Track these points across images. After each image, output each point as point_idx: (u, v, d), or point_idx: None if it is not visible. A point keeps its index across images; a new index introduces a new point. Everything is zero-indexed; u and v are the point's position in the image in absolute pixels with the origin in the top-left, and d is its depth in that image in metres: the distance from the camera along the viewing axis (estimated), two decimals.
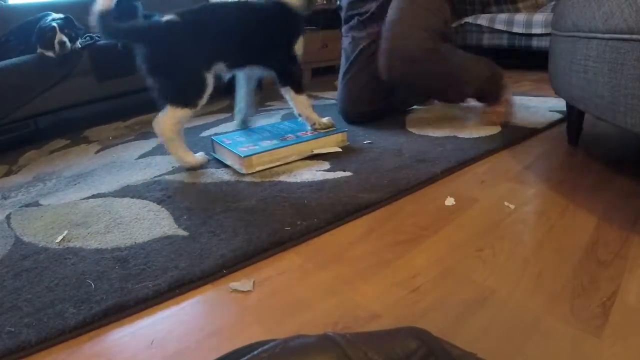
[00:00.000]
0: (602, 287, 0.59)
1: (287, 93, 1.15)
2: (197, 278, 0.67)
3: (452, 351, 0.42)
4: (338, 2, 1.64)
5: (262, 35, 1.10)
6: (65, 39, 1.66)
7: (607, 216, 0.78)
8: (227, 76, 1.15)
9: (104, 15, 0.97)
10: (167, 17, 1.02)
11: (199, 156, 1.16)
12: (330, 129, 1.21)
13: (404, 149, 1.20)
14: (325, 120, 1.22)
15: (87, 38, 1.86)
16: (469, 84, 1.36)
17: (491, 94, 1.40)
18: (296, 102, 1.16)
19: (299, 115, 1.17)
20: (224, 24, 1.07)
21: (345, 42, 1.54)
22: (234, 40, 1.07)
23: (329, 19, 2.69)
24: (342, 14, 1.56)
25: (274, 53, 1.12)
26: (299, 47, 1.15)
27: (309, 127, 1.18)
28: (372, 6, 1.43)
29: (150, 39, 1.01)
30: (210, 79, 1.05)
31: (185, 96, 1.04)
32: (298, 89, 1.14)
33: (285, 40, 1.13)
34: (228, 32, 1.06)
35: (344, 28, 1.56)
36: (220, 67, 1.08)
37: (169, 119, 1.06)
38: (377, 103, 1.49)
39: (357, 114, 1.50)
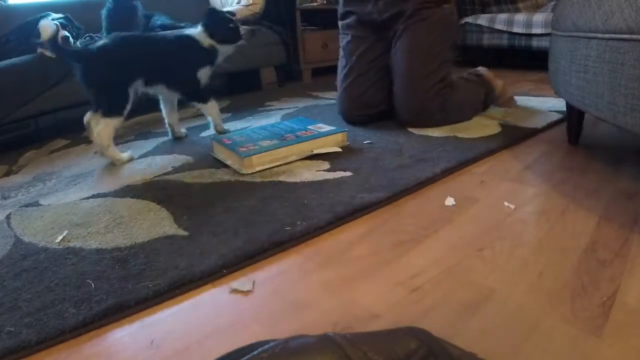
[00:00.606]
0: (602, 287, 0.59)
1: (198, 105, 1.44)
2: (197, 278, 0.67)
3: (452, 351, 0.42)
4: None
5: (172, 60, 1.35)
6: (67, 34, 1.66)
7: (607, 216, 0.78)
8: (144, 92, 1.36)
9: (52, 39, 1.28)
10: (99, 43, 1.24)
11: (126, 155, 1.30)
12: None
13: (404, 149, 1.20)
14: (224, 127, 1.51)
15: (87, 38, 1.85)
16: (478, 106, 1.54)
17: (493, 98, 1.57)
18: (204, 109, 1.45)
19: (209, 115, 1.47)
20: (146, 48, 1.31)
21: (344, 40, 1.53)
22: (151, 62, 1.30)
23: (329, 19, 2.69)
24: (339, 9, 1.56)
25: (180, 76, 1.37)
26: (203, 74, 1.39)
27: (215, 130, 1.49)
28: (373, 10, 1.43)
29: (85, 61, 1.22)
30: (131, 93, 1.26)
31: (115, 108, 1.24)
32: (204, 100, 1.43)
33: (190, 67, 1.38)
34: (148, 55, 1.30)
35: (341, 25, 1.56)
36: (139, 83, 1.29)
37: (105, 130, 1.24)
38: (378, 106, 1.49)
39: (358, 117, 1.50)
